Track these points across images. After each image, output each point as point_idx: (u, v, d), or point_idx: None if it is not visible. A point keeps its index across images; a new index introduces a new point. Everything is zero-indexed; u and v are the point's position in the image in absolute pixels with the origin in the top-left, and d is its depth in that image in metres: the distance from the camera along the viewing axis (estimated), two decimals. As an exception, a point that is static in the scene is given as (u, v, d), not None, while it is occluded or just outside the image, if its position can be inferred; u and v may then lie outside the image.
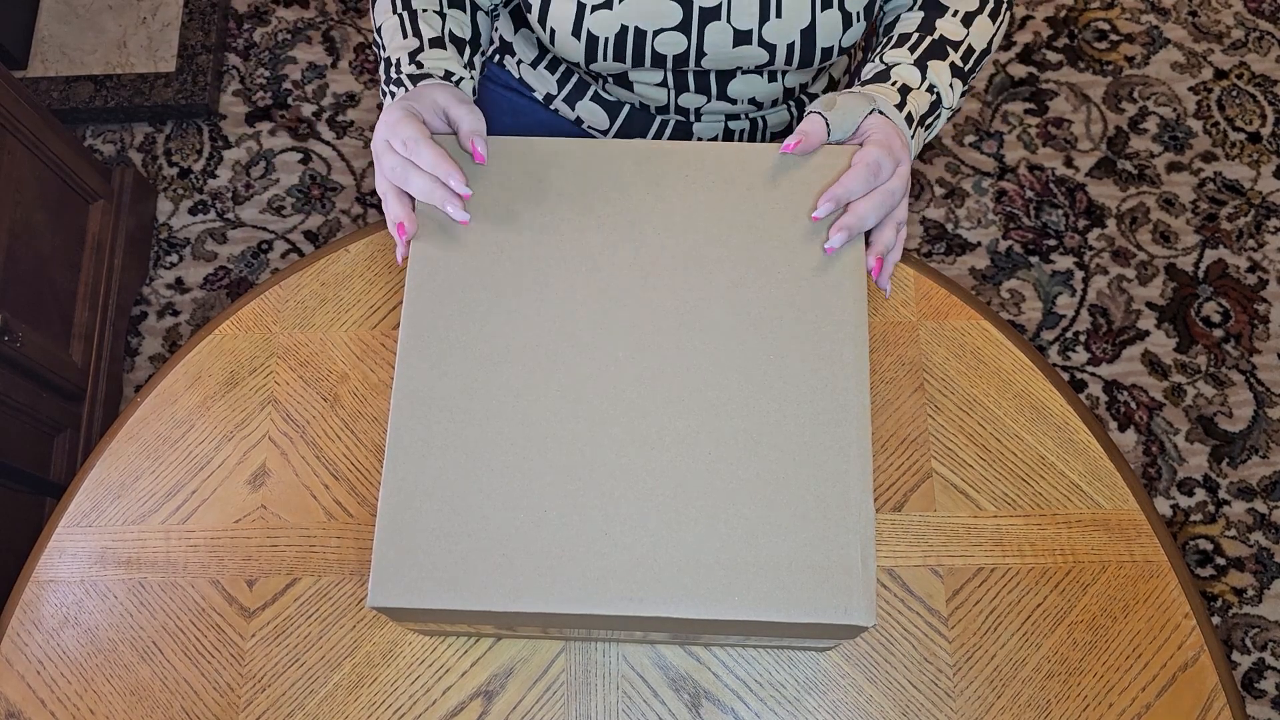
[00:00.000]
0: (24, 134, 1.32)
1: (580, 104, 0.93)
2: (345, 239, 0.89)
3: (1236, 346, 1.54)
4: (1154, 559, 0.78)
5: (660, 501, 0.59)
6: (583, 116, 0.95)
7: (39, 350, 1.31)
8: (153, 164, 1.69)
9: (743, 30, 0.76)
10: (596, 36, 0.77)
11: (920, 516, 0.79)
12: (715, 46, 0.78)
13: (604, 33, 0.76)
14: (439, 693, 0.75)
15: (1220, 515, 1.45)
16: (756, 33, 0.76)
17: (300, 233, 1.64)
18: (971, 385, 0.82)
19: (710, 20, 0.76)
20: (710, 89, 0.84)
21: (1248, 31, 1.72)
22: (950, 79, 0.77)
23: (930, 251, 1.60)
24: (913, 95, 0.74)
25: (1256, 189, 1.62)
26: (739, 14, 0.75)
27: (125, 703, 0.76)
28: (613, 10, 0.75)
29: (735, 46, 0.77)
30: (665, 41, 0.77)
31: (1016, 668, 0.75)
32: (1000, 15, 0.81)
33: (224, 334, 0.86)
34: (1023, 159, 1.65)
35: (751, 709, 0.74)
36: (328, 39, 1.76)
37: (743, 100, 0.86)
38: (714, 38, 0.77)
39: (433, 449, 0.61)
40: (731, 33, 0.76)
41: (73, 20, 1.73)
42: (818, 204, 0.66)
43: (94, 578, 0.79)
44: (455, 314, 0.64)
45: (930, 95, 0.75)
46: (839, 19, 0.76)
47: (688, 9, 0.75)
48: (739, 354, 0.63)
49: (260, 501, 0.80)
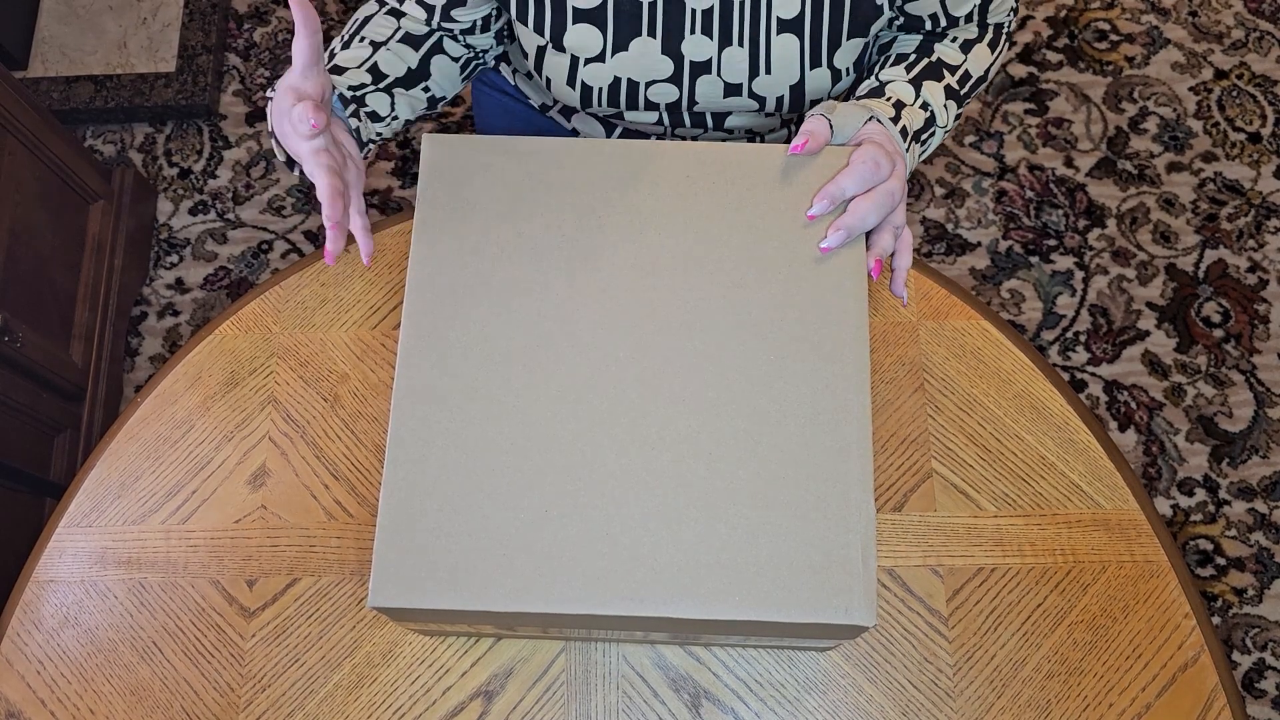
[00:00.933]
0: (24, 134, 1.32)
1: (576, 117, 0.93)
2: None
3: (1236, 346, 1.54)
4: (1154, 559, 0.78)
5: (660, 501, 0.59)
6: (579, 128, 0.95)
7: (39, 350, 1.31)
8: (153, 164, 1.69)
9: (733, 84, 0.77)
10: (590, 87, 0.77)
11: (920, 516, 0.79)
12: (706, 97, 0.78)
13: (597, 84, 0.77)
14: (439, 693, 0.75)
15: (1220, 515, 1.45)
16: (746, 86, 0.77)
17: (300, 233, 1.64)
18: (971, 385, 0.82)
19: (701, 74, 0.76)
20: (706, 123, 0.85)
21: (1248, 31, 1.72)
22: (945, 100, 0.77)
23: (930, 251, 1.60)
24: (907, 111, 0.74)
25: (1256, 189, 1.62)
26: (729, 69, 0.76)
27: (125, 703, 0.76)
28: (605, 64, 0.76)
29: (726, 97, 0.78)
30: (657, 92, 0.78)
31: (1016, 668, 0.75)
32: (999, 46, 0.82)
33: (224, 334, 0.86)
34: (1023, 159, 1.65)
35: (751, 709, 0.74)
36: (328, 39, 1.76)
37: (739, 131, 0.87)
38: (704, 89, 0.78)
39: (433, 449, 0.61)
40: (722, 85, 0.77)
41: (73, 20, 1.73)
42: (813, 202, 0.66)
43: (94, 578, 0.79)
44: (455, 314, 0.64)
45: (924, 112, 0.76)
46: (828, 75, 0.76)
47: (679, 63, 0.76)
48: (739, 354, 0.63)
49: (260, 501, 0.80)
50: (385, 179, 1.67)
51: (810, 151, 0.67)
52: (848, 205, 0.66)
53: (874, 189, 0.67)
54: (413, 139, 1.69)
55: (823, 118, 0.69)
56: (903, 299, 0.72)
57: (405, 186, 1.67)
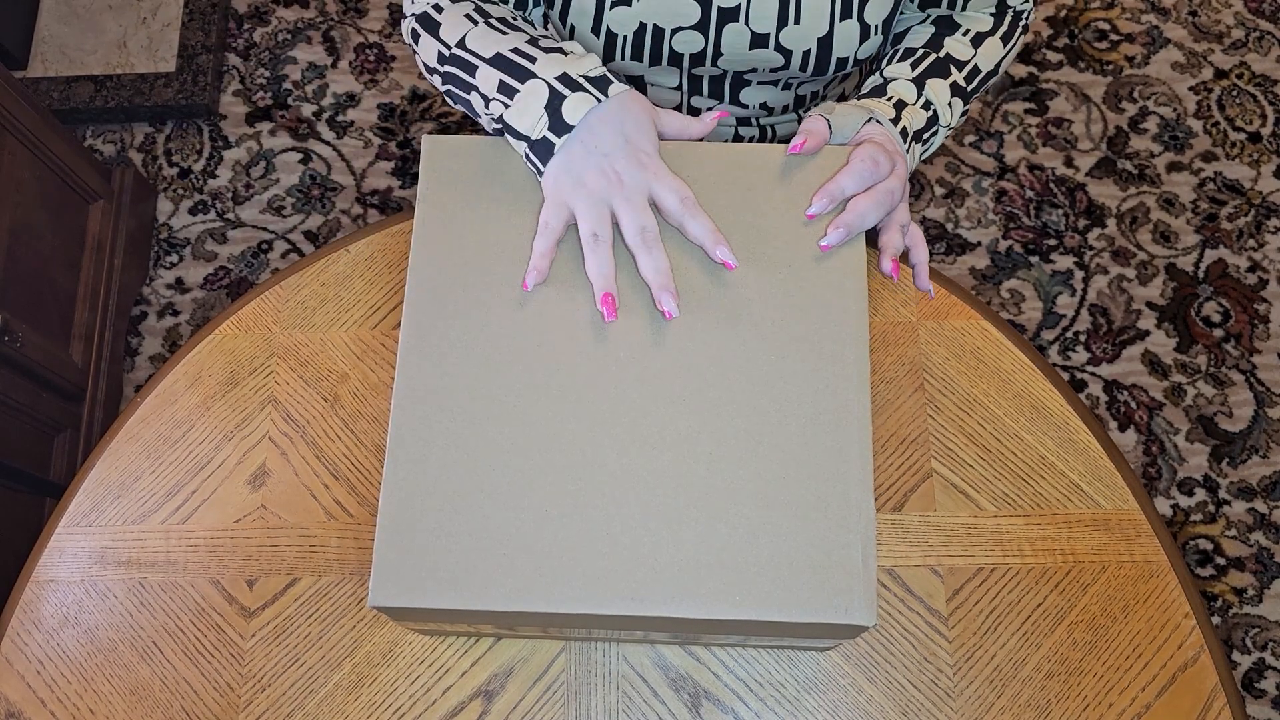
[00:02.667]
0: (24, 134, 1.32)
1: None
2: (345, 239, 0.89)
3: (1236, 346, 1.54)
4: (1154, 559, 0.78)
5: (660, 501, 0.59)
6: None
7: (39, 350, 1.31)
8: (153, 164, 1.69)
9: (760, 34, 0.76)
10: (615, 34, 0.76)
11: (920, 516, 0.79)
12: (732, 47, 0.77)
13: (623, 30, 0.76)
14: (439, 693, 0.75)
15: (1220, 515, 1.45)
16: (774, 37, 0.76)
17: (300, 233, 1.64)
18: (971, 385, 0.82)
19: (728, 20, 0.75)
20: (724, 94, 0.84)
21: (1248, 31, 1.72)
22: (950, 98, 0.77)
23: (930, 251, 1.60)
24: (908, 111, 0.74)
25: (1256, 189, 1.63)
26: (757, 17, 0.75)
27: (125, 703, 0.76)
28: (632, 7, 0.75)
29: (751, 49, 0.77)
30: (682, 40, 0.77)
31: (1016, 668, 0.75)
32: (1014, 39, 0.81)
33: (224, 334, 0.86)
34: (1023, 159, 1.65)
35: (751, 709, 0.74)
36: (328, 39, 1.76)
37: (754, 105, 0.86)
38: (731, 38, 0.77)
39: (433, 449, 0.61)
40: (749, 35, 0.76)
41: (73, 20, 1.73)
42: (812, 200, 0.66)
43: (94, 578, 0.79)
44: (455, 314, 0.64)
45: (926, 112, 0.75)
46: (857, 30, 0.76)
47: (706, 8, 0.75)
48: (739, 354, 0.63)
49: (260, 501, 0.80)
50: (385, 179, 1.67)
51: (809, 151, 0.67)
52: (847, 204, 0.66)
53: (874, 187, 0.67)
54: (413, 139, 1.69)
55: (821, 117, 0.69)
56: (929, 293, 0.72)
57: (405, 186, 1.67)
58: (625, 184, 0.64)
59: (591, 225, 0.64)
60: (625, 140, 0.65)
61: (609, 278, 0.63)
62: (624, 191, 0.64)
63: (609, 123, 0.65)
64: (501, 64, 0.68)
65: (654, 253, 0.63)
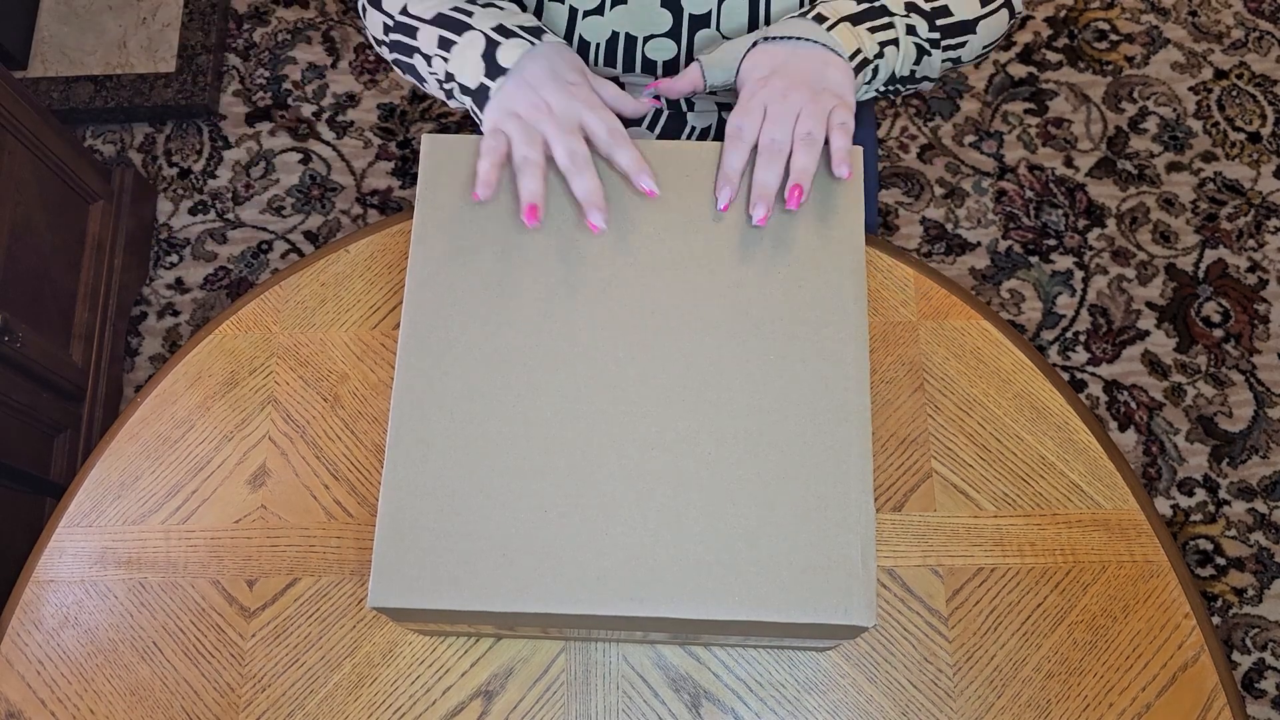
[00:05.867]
0: (24, 134, 1.32)
1: None
2: (345, 239, 0.89)
3: (1236, 346, 1.54)
4: (1154, 559, 0.78)
5: (660, 501, 0.59)
6: None
7: (39, 350, 1.31)
8: (153, 164, 1.69)
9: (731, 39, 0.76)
10: (589, 42, 0.77)
11: (920, 516, 0.79)
12: None
13: (595, 38, 0.77)
14: (439, 693, 0.75)
15: (1220, 515, 1.45)
16: None
17: (300, 233, 1.64)
18: (971, 385, 0.82)
19: (700, 27, 0.76)
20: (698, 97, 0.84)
21: (1248, 31, 1.72)
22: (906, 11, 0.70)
23: (930, 251, 1.60)
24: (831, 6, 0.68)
25: (1256, 189, 1.62)
26: (728, 22, 0.75)
27: (125, 703, 0.76)
28: (604, 16, 0.75)
29: None
30: (655, 48, 0.77)
31: (1016, 668, 0.75)
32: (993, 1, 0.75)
33: (224, 334, 0.86)
34: (1023, 159, 1.65)
35: (751, 709, 0.74)
36: (328, 39, 1.76)
37: None
38: (703, 45, 0.77)
39: (433, 449, 0.61)
40: (721, 40, 0.76)
41: (73, 20, 1.73)
42: (716, 195, 0.66)
43: (94, 578, 0.79)
44: (455, 314, 0.64)
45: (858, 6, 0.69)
46: None
47: (678, 15, 0.75)
48: (739, 354, 0.63)
49: (260, 501, 0.80)
50: (385, 179, 1.67)
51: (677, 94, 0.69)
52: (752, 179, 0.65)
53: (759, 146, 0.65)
54: (413, 139, 1.69)
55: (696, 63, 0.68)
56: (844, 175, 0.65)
57: (405, 186, 1.67)
58: (555, 111, 0.66)
59: (522, 150, 0.66)
60: (554, 74, 0.67)
61: (536, 194, 0.65)
62: (553, 118, 0.66)
63: (539, 61, 0.68)
64: (441, 21, 0.71)
65: (584, 174, 0.65)
